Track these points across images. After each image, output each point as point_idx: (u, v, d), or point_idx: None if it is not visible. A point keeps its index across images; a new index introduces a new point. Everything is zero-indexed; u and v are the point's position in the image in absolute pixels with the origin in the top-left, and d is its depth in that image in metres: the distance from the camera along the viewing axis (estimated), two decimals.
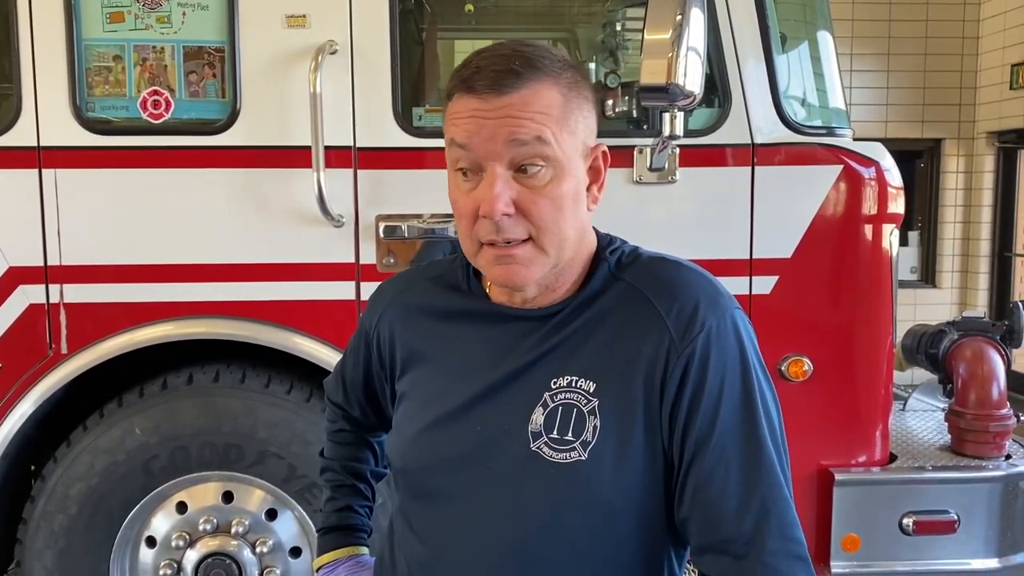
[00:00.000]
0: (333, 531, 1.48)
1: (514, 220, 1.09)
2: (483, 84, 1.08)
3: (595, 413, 1.11)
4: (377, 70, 2.47)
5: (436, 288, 1.29)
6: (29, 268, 2.46)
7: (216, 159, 2.47)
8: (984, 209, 6.68)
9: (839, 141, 2.56)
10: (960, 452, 2.76)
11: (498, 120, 1.07)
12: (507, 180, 1.09)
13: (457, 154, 1.12)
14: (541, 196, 1.09)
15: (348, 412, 1.50)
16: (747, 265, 2.52)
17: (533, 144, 1.08)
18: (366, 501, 1.51)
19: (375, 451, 1.53)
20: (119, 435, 2.48)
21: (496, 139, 1.07)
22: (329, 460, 1.52)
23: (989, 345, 2.86)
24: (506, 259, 1.11)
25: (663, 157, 2.42)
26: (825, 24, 2.87)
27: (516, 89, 1.08)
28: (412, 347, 1.28)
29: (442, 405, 1.21)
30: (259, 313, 2.50)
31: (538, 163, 1.09)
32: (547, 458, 1.12)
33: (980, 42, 6.59)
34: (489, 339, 1.20)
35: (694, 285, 1.15)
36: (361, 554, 1.47)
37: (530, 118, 1.08)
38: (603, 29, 2.94)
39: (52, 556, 2.50)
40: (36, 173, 2.43)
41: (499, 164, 1.08)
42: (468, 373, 1.20)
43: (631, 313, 1.14)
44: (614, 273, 1.19)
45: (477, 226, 1.11)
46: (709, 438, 1.10)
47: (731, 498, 1.09)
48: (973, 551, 2.59)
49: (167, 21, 2.44)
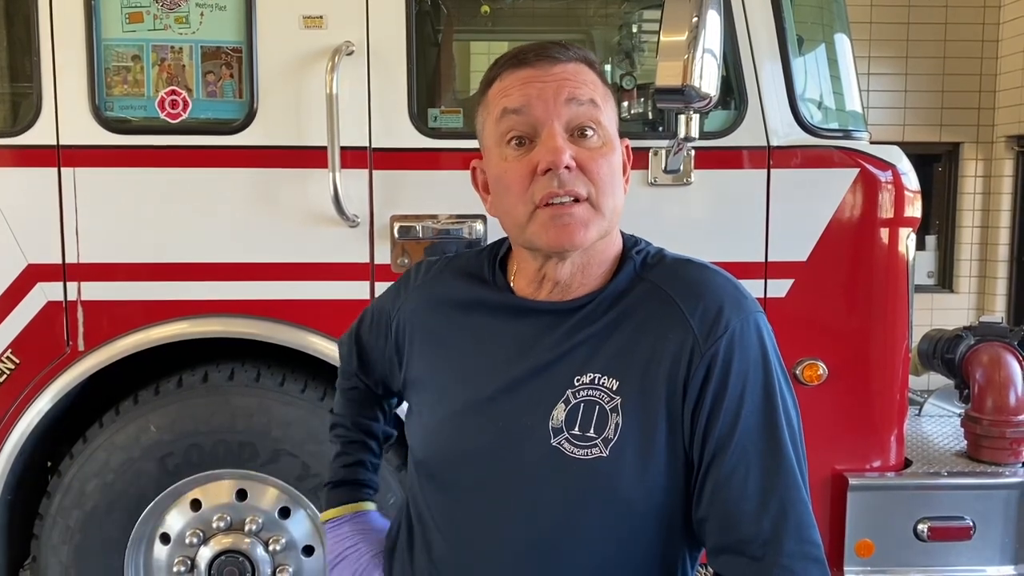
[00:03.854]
0: (341, 485, 1.48)
1: (575, 175, 1.11)
2: (535, 57, 1.14)
3: (617, 411, 1.12)
4: (393, 71, 2.48)
5: (461, 279, 1.29)
6: (47, 266, 2.48)
7: (233, 159, 2.48)
8: (1003, 214, 6.62)
9: (856, 144, 2.55)
10: (976, 458, 2.74)
11: (555, 83, 1.12)
12: (566, 138, 1.12)
13: (510, 123, 1.14)
14: (600, 157, 1.13)
15: (360, 376, 1.51)
16: (762, 268, 2.51)
17: (588, 106, 1.13)
18: (375, 458, 1.52)
19: (384, 410, 1.54)
20: (135, 432, 2.50)
21: (556, 98, 1.12)
22: (339, 416, 1.53)
23: (1007, 350, 2.84)
24: (565, 217, 1.12)
25: (678, 159, 2.41)
26: (842, 26, 2.86)
27: (567, 61, 1.14)
28: (434, 336, 1.28)
29: (465, 397, 1.21)
30: (274, 312, 2.51)
31: (592, 126, 1.13)
32: (568, 454, 1.12)
33: (1000, 45, 6.53)
34: (513, 332, 1.20)
35: (719, 288, 1.16)
36: (367, 510, 1.48)
37: (584, 83, 1.13)
38: (619, 31, 2.94)
39: (68, 551, 2.52)
40: (55, 172, 2.45)
41: (558, 122, 1.11)
42: (491, 366, 1.20)
43: (655, 312, 1.15)
44: (639, 273, 1.19)
45: (534, 185, 1.12)
46: (730, 439, 1.10)
47: (750, 499, 1.09)
48: (989, 558, 2.57)
49: (185, 21, 2.46)
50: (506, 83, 1.15)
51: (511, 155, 1.13)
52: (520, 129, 1.13)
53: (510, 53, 1.17)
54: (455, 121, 2.58)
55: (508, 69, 1.15)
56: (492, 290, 1.25)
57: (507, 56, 1.17)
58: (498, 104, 1.14)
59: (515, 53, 1.16)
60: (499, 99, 1.15)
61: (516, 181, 1.13)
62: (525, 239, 1.16)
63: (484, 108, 1.18)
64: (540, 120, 1.11)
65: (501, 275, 1.27)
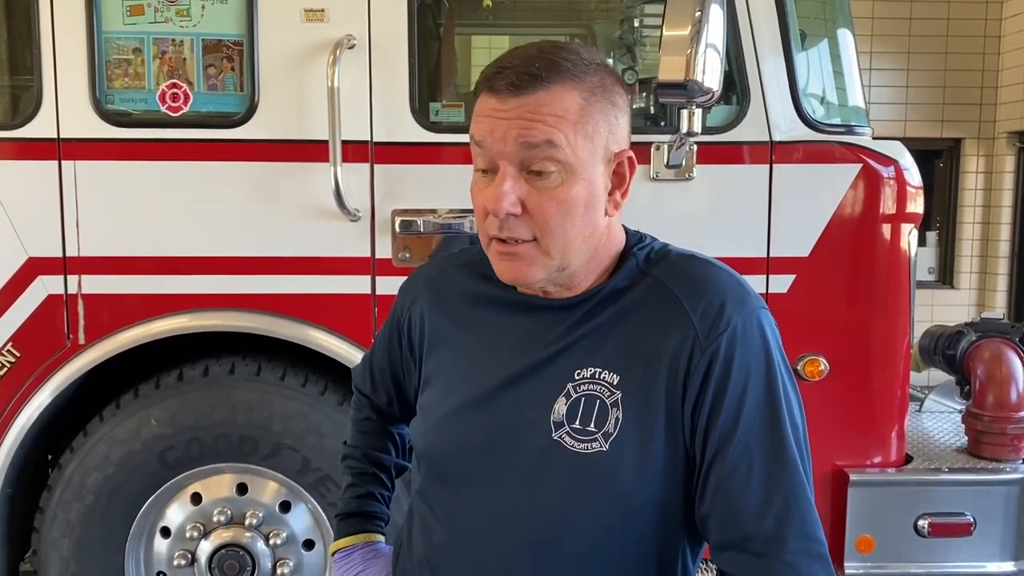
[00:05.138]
0: (351, 517, 1.48)
1: (520, 220, 1.10)
2: (502, 84, 1.09)
3: (618, 406, 1.12)
4: (395, 65, 2.47)
5: (467, 274, 1.30)
6: (48, 259, 2.48)
7: (234, 152, 2.48)
8: (1004, 210, 6.61)
9: (858, 140, 2.54)
10: (977, 454, 2.74)
11: (510, 121, 1.08)
12: (516, 180, 1.09)
13: (476, 151, 1.14)
14: (549, 199, 1.10)
15: (374, 401, 1.51)
16: (764, 263, 2.50)
17: (543, 147, 1.08)
18: (386, 490, 1.52)
19: (397, 443, 1.54)
20: (135, 426, 2.50)
21: (507, 140, 1.09)
22: (352, 447, 1.53)
23: (1008, 347, 2.84)
24: (511, 256, 1.13)
25: (681, 154, 2.41)
26: (845, 22, 2.85)
27: (532, 92, 1.08)
28: (441, 331, 1.29)
29: (467, 391, 1.22)
30: (275, 306, 2.51)
31: (548, 166, 1.09)
32: (568, 448, 1.13)
33: (1002, 41, 6.52)
34: (515, 327, 1.21)
35: (722, 284, 1.15)
36: (377, 541, 1.47)
37: (541, 120, 1.08)
38: (621, 25, 2.93)
39: (68, 545, 2.52)
40: (56, 165, 2.45)
41: (510, 164, 1.09)
42: (493, 360, 1.21)
43: (657, 308, 1.15)
44: (642, 269, 1.19)
45: (487, 222, 1.13)
46: (732, 435, 1.10)
47: (753, 496, 1.09)
48: (989, 554, 2.57)
49: (186, 14, 2.45)
50: (479, 106, 1.12)
51: (478, 180, 1.14)
52: (483, 161, 1.12)
53: (492, 68, 1.12)
54: (456, 115, 2.57)
55: (483, 90, 1.12)
56: (496, 286, 1.24)
57: (489, 71, 1.12)
58: (471, 128, 1.14)
59: (491, 74, 1.11)
60: (472, 123, 1.14)
61: (477, 209, 1.15)
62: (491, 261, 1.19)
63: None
64: (495, 157, 1.10)
65: None
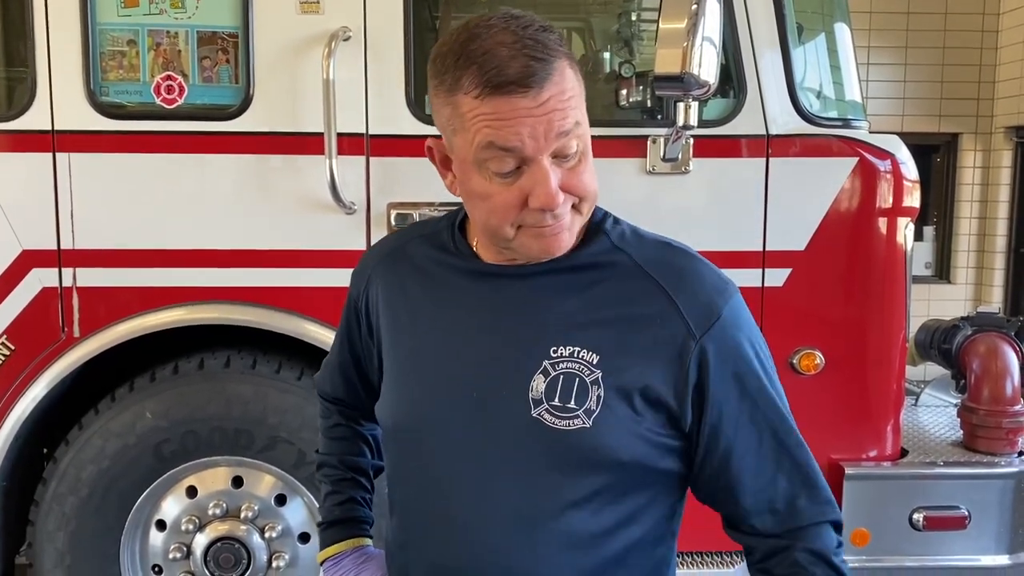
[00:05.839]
0: (336, 524, 1.46)
1: (564, 201, 1.10)
2: (522, 80, 1.04)
3: (599, 384, 1.12)
4: (390, 57, 2.46)
5: (427, 245, 1.28)
6: (42, 251, 2.47)
7: (229, 145, 2.47)
8: (1001, 205, 6.61)
9: (855, 133, 2.54)
10: (972, 448, 2.75)
11: (543, 116, 1.05)
12: (554, 170, 1.09)
13: (499, 160, 1.07)
14: (582, 172, 1.11)
15: (341, 402, 1.49)
16: (760, 257, 2.50)
17: (573, 130, 1.09)
18: (367, 493, 1.50)
19: (371, 444, 1.52)
20: (130, 419, 2.49)
21: (546, 136, 1.06)
22: (326, 455, 1.50)
23: (1003, 341, 2.84)
24: (555, 231, 1.11)
25: (677, 147, 2.41)
26: (843, 16, 2.84)
27: (550, 79, 1.05)
28: (401, 304, 1.27)
29: (434, 364, 1.21)
30: (270, 299, 2.51)
31: (574, 146, 1.09)
32: (549, 425, 1.12)
33: (999, 36, 6.52)
34: (481, 297, 1.20)
35: (704, 275, 1.17)
36: (365, 545, 1.46)
37: (567, 106, 1.07)
38: (618, 18, 2.92)
39: (63, 538, 2.52)
40: (50, 157, 2.44)
41: (546, 157, 1.07)
42: (461, 332, 1.20)
43: (639, 293, 1.15)
44: (616, 246, 1.19)
45: (524, 214, 1.10)
46: (733, 416, 1.13)
47: (764, 470, 1.14)
48: (984, 547, 2.58)
49: (181, 6, 2.44)
50: (488, 108, 1.05)
51: (497, 181, 1.10)
52: (511, 165, 1.08)
53: (485, 62, 1.04)
54: None
55: (489, 91, 1.04)
56: (457, 256, 1.24)
57: (484, 63, 1.04)
58: (480, 131, 1.07)
59: (495, 64, 1.04)
60: (481, 125, 1.06)
61: (504, 209, 1.10)
62: (505, 245, 1.16)
63: (456, 115, 1.09)
64: (530, 156, 1.07)
65: (463, 242, 1.25)
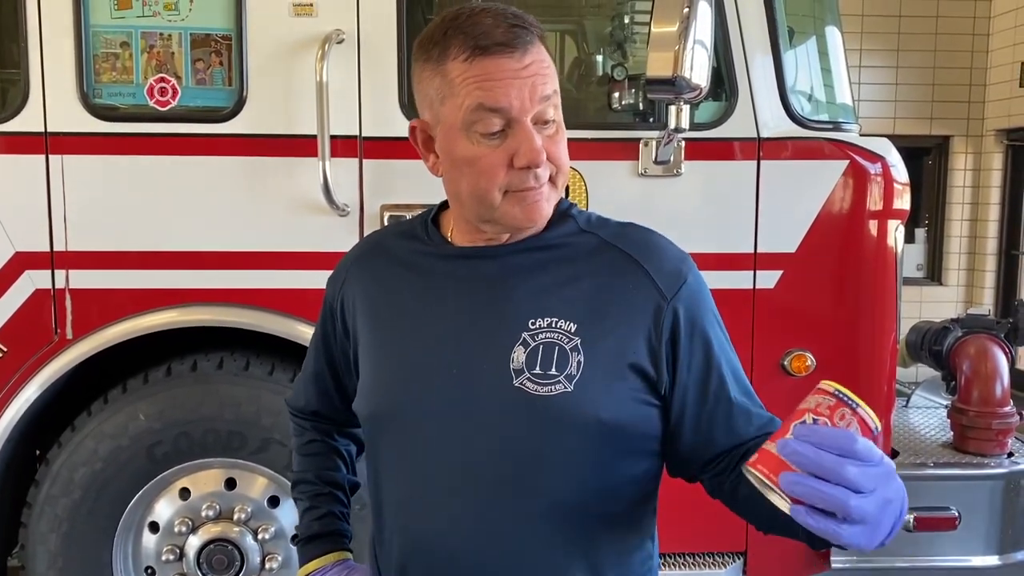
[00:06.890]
0: (316, 539, 1.45)
1: (544, 164, 1.16)
2: (507, 41, 1.12)
3: (578, 350, 1.16)
4: (384, 59, 2.47)
5: (400, 239, 1.33)
6: (35, 253, 2.47)
7: (222, 147, 2.47)
8: (992, 207, 6.65)
9: (846, 136, 2.56)
10: (962, 449, 2.76)
11: (528, 78, 1.12)
12: (536, 133, 1.14)
13: (487, 120, 1.13)
14: (558, 142, 1.17)
15: (316, 415, 1.49)
16: (751, 259, 2.51)
17: (552, 97, 1.15)
18: (345, 508, 1.49)
19: (346, 459, 1.52)
20: (123, 421, 2.49)
21: (532, 96, 1.12)
22: (302, 472, 1.50)
23: (993, 342, 2.86)
24: (533, 195, 1.16)
25: (669, 150, 2.42)
26: (834, 19, 2.86)
27: (533, 45, 1.14)
28: (379, 293, 1.29)
29: (413, 346, 1.23)
30: (263, 301, 2.51)
31: (551, 113, 1.16)
32: (531, 392, 1.15)
33: (990, 39, 6.56)
34: (458, 278, 1.24)
35: (667, 247, 1.26)
36: (347, 559, 1.44)
37: (547, 72, 1.15)
38: (611, 21, 2.93)
39: (56, 540, 2.51)
40: (43, 159, 2.44)
41: (529, 119, 1.13)
42: (438, 312, 1.23)
43: (610, 263, 1.21)
44: (583, 228, 1.25)
45: (510, 176, 1.15)
46: (707, 371, 1.20)
47: (740, 408, 1.21)
48: (974, 548, 2.59)
49: (175, 8, 2.44)
50: (477, 70, 1.12)
51: (484, 143, 1.15)
52: (497, 125, 1.14)
53: (472, 29, 1.12)
54: None
55: (478, 53, 1.12)
56: (430, 244, 1.28)
57: (470, 30, 1.12)
58: (470, 93, 1.12)
59: (482, 30, 1.11)
60: (471, 88, 1.12)
61: (491, 169, 1.15)
62: (488, 215, 1.19)
63: (445, 83, 1.15)
64: (516, 116, 1.13)
65: (435, 230, 1.30)
